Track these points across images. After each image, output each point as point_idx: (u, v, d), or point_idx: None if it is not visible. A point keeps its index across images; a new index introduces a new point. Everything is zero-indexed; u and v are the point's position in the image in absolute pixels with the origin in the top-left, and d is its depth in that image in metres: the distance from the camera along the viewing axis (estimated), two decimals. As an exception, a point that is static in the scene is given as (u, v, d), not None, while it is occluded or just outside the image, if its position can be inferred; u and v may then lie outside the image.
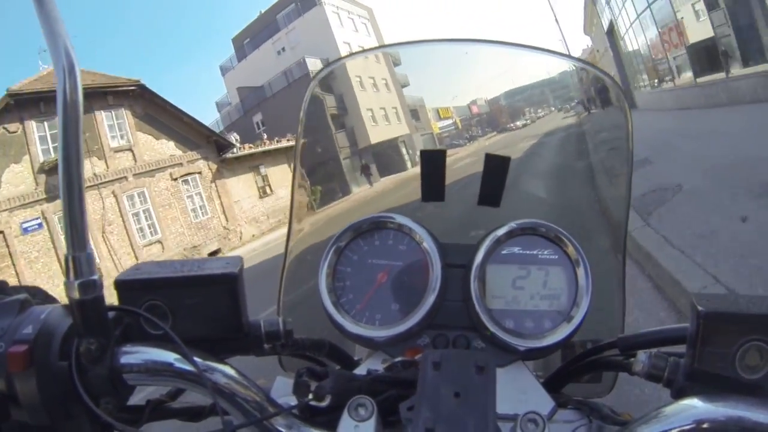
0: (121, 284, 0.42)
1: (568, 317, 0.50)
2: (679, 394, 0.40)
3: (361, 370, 0.50)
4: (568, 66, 0.91)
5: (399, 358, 0.45)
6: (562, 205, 0.88)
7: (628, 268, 0.69)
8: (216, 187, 17.62)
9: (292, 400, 0.42)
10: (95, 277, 0.35)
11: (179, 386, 0.42)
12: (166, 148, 16.49)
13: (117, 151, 14.91)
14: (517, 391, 0.47)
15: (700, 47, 10.93)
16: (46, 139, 13.25)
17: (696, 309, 0.38)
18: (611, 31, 19.12)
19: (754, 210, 3.30)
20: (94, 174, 13.87)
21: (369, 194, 0.95)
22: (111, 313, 0.39)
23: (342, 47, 28.18)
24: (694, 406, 0.35)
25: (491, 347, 0.51)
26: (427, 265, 0.54)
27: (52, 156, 13.01)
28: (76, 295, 0.35)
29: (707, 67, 10.81)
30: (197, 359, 0.39)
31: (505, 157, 0.60)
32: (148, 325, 0.41)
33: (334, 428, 0.37)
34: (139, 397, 0.44)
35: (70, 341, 0.37)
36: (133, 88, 15.34)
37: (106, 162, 14.45)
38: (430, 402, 0.36)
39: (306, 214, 0.80)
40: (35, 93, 12.61)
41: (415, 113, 1.03)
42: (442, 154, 0.62)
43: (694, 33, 11.00)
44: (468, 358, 0.38)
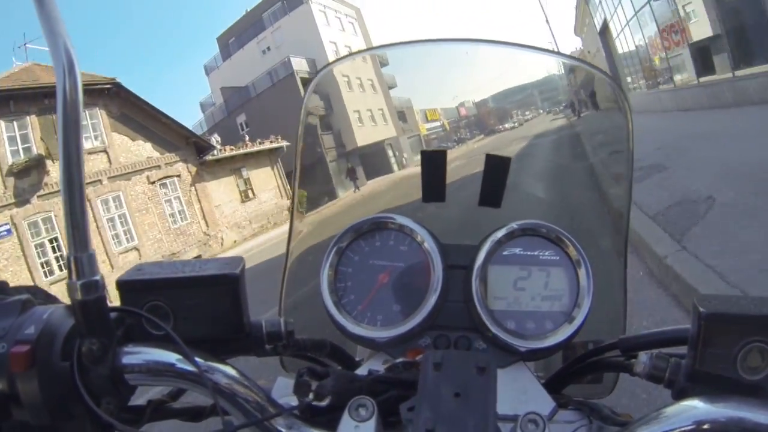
0: (123, 285, 0.42)
1: (570, 318, 0.50)
2: (680, 395, 0.40)
3: (362, 371, 0.50)
4: (564, 65, 0.90)
5: (400, 359, 0.45)
6: (563, 205, 0.88)
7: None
8: (196, 190, 16.92)
9: (293, 401, 0.42)
10: (97, 277, 0.36)
11: (180, 386, 0.42)
12: (143, 150, 15.65)
13: (91, 152, 13.93)
14: (518, 392, 0.47)
15: (703, 45, 10.62)
16: (16, 140, 12.42)
17: (698, 310, 0.37)
18: (604, 31, 18.88)
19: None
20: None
21: (359, 196, 0.93)
22: (113, 314, 0.39)
23: (328, 47, 27.80)
24: (695, 407, 0.35)
25: (493, 348, 0.51)
26: (429, 266, 0.54)
27: (22, 158, 12.34)
28: (79, 296, 0.35)
29: (711, 66, 10.50)
30: (198, 359, 0.39)
31: (506, 158, 0.59)
32: (150, 326, 0.41)
33: (335, 428, 0.37)
34: (140, 398, 0.44)
35: (72, 341, 0.37)
36: (109, 86, 14.36)
37: (79, 164, 14.07)
38: (430, 402, 0.36)
39: (305, 216, 0.80)
40: (6, 90, 11.80)
41: (402, 115, 1.02)
42: (443, 154, 0.62)
43: (698, 30, 10.68)
44: (469, 359, 0.38)
